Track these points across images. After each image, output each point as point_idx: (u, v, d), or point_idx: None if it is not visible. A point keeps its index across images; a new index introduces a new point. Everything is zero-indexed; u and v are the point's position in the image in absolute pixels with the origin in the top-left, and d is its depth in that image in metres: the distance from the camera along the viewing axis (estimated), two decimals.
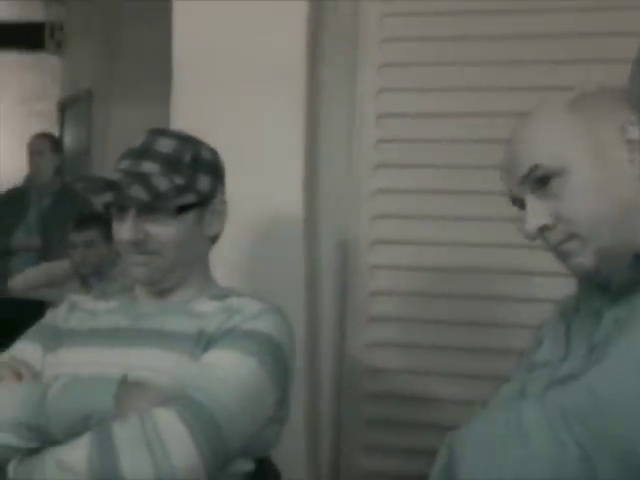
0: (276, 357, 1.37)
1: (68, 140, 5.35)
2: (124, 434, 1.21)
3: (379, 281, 1.97)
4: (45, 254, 3.95)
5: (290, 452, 1.71)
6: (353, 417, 1.95)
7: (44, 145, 4.39)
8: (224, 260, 1.65)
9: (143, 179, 1.38)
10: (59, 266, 3.35)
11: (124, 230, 1.41)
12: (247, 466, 1.41)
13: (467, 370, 1.90)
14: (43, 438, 1.26)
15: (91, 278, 3.27)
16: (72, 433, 1.24)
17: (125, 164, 1.43)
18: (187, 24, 1.93)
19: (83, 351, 1.41)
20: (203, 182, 1.45)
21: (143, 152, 1.43)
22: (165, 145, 1.43)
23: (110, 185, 1.41)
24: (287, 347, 1.41)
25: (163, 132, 1.47)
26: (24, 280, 3.41)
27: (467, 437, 1.06)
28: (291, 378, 1.43)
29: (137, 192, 1.37)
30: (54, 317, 1.51)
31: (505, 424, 1.03)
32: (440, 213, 1.94)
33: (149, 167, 1.40)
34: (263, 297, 1.48)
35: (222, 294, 1.48)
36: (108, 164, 1.47)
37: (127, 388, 1.28)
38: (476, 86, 1.93)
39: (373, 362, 1.95)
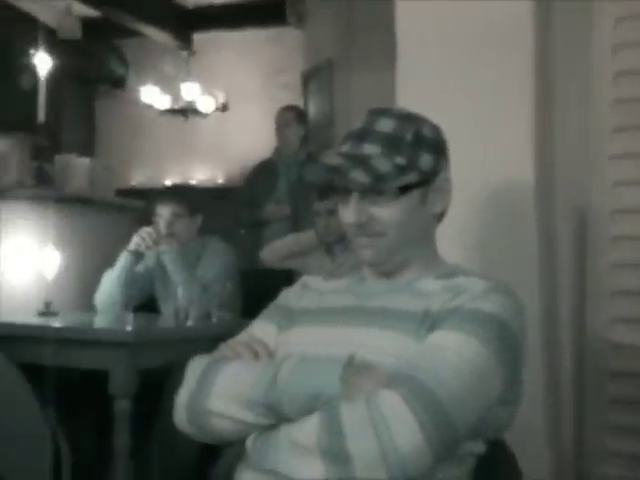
0: (503, 337, 1.33)
1: (312, 110, 5.50)
2: (351, 416, 1.23)
3: (621, 252, 1.84)
4: (295, 224, 4.11)
5: (530, 433, 1.66)
6: (596, 396, 1.85)
7: (290, 117, 4.56)
8: (453, 236, 1.62)
9: (363, 162, 1.39)
10: (305, 236, 3.46)
11: (348, 213, 1.43)
12: (478, 447, 1.38)
13: None
14: (277, 416, 1.31)
15: (335, 246, 3.34)
16: (302, 411, 1.28)
17: (346, 147, 1.44)
18: None
19: (312, 330, 1.45)
20: (425, 160, 1.42)
21: (363, 134, 1.43)
22: (385, 125, 1.42)
23: (333, 169, 1.43)
24: (515, 326, 1.36)
25: (384, 112, 1.46)
26: (273, 251, 3.56)
27: None
28: (521, 359, 1.38)
29: (358, 176, 1.38)
30: (287, 297, 1.57)
31: None
32: None
33: (369, 149, 1.41)
34: (492, 274, 1.44)
35: (448, 272, 1.46)
36: None
37: (353, 369, 1.29)
38: None
39: (616, 338, 1.83)
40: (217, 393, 1.36)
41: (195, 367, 1.43)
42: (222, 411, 1.35)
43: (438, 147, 1.46)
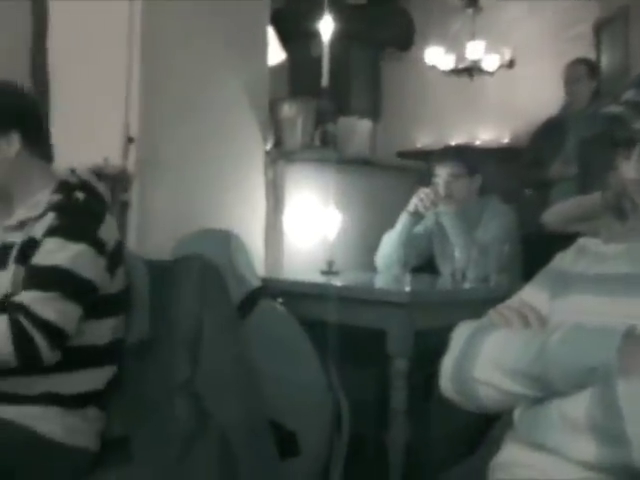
0: None
1: (605, 63, 5.17)
2: (629, 395, 1.12)
3: None
4: (583, 184, 3.89)
5: None
6: None
7: (581, 71, 4.33)
8: None
9: None
10: (589, 199, 3.25)
11: (630, 168, 1.30)
12: None
13: None
14: (544, 388, 1.23)
15: (626, 208, 3.09)
16: (574, 385, 1.19)
17: (630, 94, 1.30)
18: None
19: (587, 298, 1.34)
20: None
21: None
22: None
23: (614, 119, 1.30)
24: None
25: None
26: (554, 214, 3.38)
27: None
28: None
29: None
30: (562, 261, 1.46)
31: None
32: None
33: None
34: None
35: None
36: None
37: (633, 342, 1.17)
38: None
39: None
40: (483, 361, 1.31)
41: (460, 334, 1.38)
42: (488, 380, 1.29)
43: None
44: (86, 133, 2.88)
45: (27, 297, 1.69)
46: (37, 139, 1.88)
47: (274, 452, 2.06)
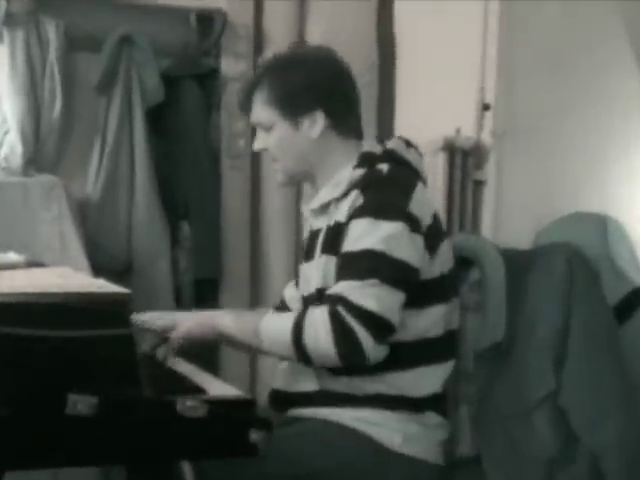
0: None
1: None
2: None
3: None
4: None
5: None
6: None
7: None
8: None
9: None
10: None
11: None
12: None
13: None
14: None
15: None
16: None
17: None
18: None
19: None
20: None
21: None
22: None
23: None
24: None
25: None
26: None
27: None
28: None
29: None
30: None
31: None
32: None
33: None
34: None
35: None
36: None
37: None
38: None
39: None
40: None
41: None
42: None
43: None
44: (435, 101, 2.82)
45: (343, 287, 1.63)
46: (344, 117, 1.82)
47: None
